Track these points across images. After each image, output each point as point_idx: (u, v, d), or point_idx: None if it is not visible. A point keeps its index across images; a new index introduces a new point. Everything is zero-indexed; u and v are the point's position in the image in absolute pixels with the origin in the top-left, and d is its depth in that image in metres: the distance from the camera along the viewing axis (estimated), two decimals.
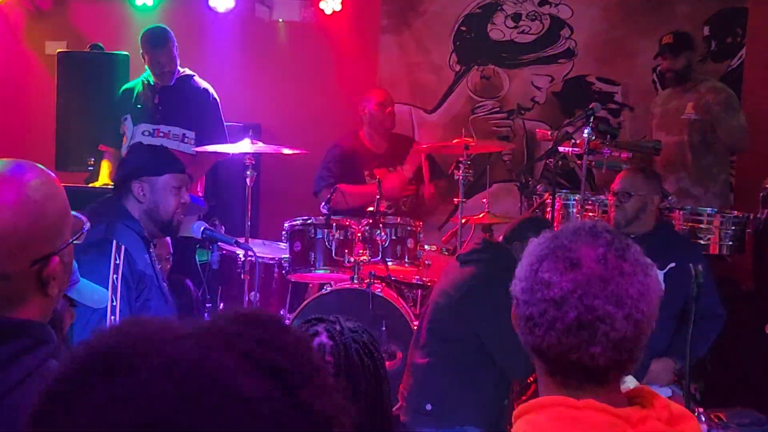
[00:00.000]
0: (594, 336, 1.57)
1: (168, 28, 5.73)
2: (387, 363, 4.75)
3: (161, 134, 5.70)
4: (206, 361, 0.86)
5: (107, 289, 3.27)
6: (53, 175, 1.74)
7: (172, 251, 4.46)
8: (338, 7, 6.60)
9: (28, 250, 1.64)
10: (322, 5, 6.60)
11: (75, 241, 1.75)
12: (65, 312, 2.33)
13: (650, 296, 1.61)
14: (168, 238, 4.27)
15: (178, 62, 5.71)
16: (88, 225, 1.83)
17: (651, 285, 1.61)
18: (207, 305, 4.71)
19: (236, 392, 0.84)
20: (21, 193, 1.64)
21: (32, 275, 1.66)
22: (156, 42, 5.66)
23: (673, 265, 4.34)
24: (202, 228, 4.34)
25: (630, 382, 2.07)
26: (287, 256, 5.16)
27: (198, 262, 4.85)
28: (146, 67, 5.74)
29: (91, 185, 5.69)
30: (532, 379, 4.17)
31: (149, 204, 3.79)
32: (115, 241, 3.54)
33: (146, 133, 5.69)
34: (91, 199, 3.95)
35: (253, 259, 4.61)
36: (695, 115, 5.81)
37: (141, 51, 5.71)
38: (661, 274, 4.42)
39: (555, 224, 4.96)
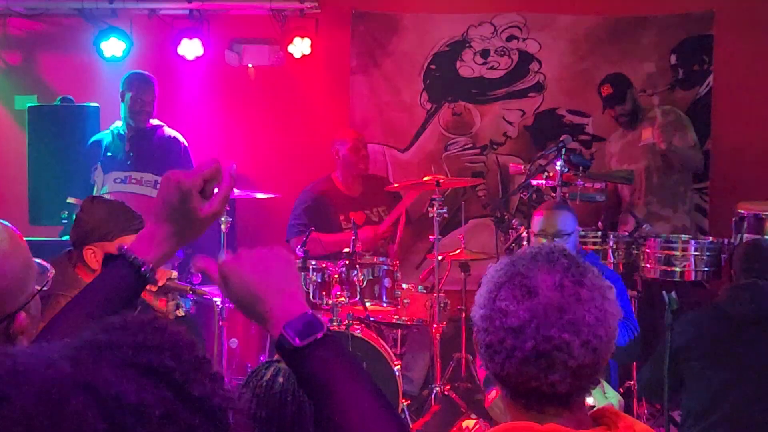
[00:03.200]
0: (552, 365, 1.57)
1: None
2: None
3: (134, 181, 5.69)
4: (81, 377, 0.85)
5: None
6: (11, 227, 1.70)
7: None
8: (307, 51, 6.60)
9: None
10: (291, 49, 6.60)
11: (41, 291, 1.72)
12: None
13: (608, 321, 1.60)
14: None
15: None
16: (52, 272, 1.80)
17: (609, 309, 1.61)
18: None
19: (122, 402, 0.84)
20: None
21: None
22: (144, 79, 5.82)
23: None
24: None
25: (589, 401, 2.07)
26: None
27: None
28: (121, 114, 5.79)
29: (65, 238, 5.66)
30: None
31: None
32: None
33: (118, 180, 5.68)
34: None
35: (230, 305, 4.58)
36: (653, 139, 5.90)
37: (123, 89, 5.78)
38: None
39: None
